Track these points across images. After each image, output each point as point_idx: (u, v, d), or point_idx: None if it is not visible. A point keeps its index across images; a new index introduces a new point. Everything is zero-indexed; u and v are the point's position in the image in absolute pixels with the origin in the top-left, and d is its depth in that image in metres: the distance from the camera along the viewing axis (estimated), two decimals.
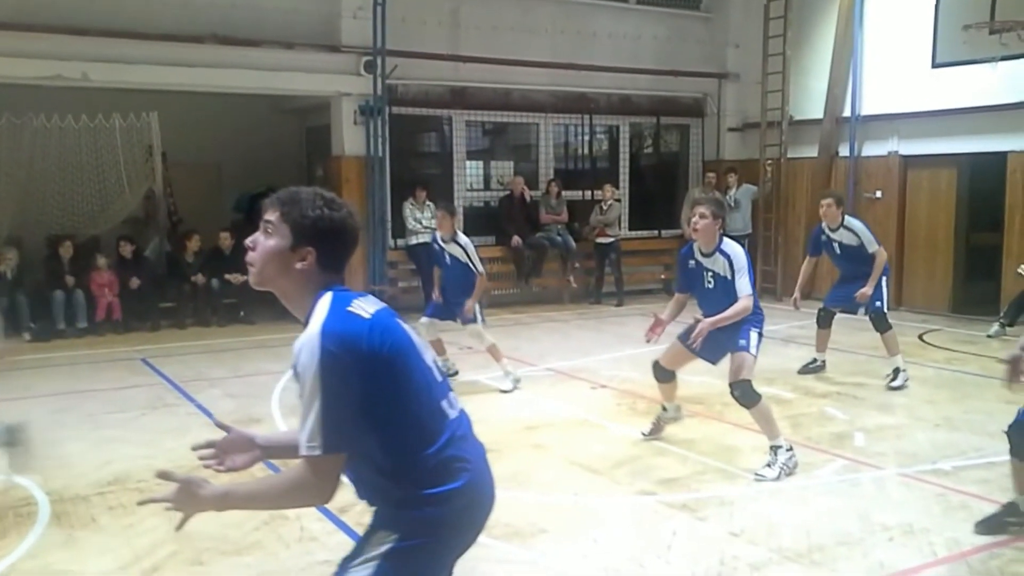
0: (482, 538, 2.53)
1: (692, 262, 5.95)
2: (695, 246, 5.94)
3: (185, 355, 9.73)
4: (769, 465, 5.65)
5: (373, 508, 2.49)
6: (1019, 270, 11.05)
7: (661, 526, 4.85)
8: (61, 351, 9.92)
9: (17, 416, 5.55)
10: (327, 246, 2.40)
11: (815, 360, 8.69)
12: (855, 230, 8.14)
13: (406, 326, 2.45)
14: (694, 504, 5.18)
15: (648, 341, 5.98)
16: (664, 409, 6.43)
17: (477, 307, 8.07)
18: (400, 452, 2.34)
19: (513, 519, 4.79)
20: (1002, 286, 11.34)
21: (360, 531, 4.96)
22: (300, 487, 2.28)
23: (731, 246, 5.87)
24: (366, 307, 2.36)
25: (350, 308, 2.32)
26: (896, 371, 8.04)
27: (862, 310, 8.22)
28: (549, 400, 7.68)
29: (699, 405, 7.35)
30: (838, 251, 8.28)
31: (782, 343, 10.16)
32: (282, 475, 2.38)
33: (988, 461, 5.84)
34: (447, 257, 8.12)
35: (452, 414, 2.45)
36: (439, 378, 2.47)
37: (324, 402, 2.22)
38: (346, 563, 2.42)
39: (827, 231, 8.28)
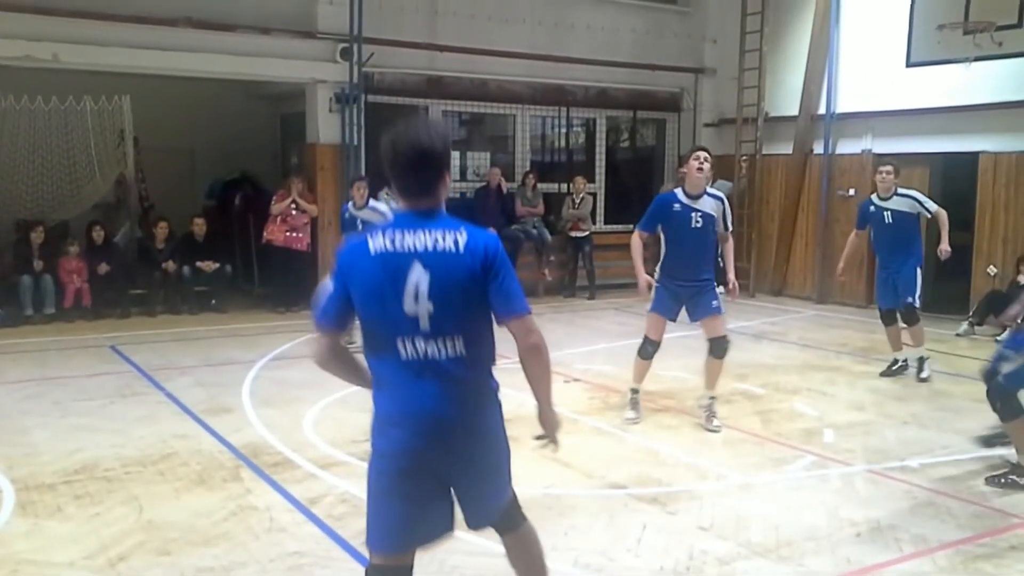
0: None
1: (677, 205, 6.35)
2: (679, 191, 6.38)
3: (155, 343, 9.63)
4: (716, 415, 6.52)
5: None
6: (989, 270, 11.19)
7: (631, 520, 4.86)
8: (29, 337, 9.77)
9: None
10: (388, 175, 2.89)
11: (896, 361, 8.40)
12: (912, 196, 8.02)
13: (414, 270, 2.81)
14: (664, 498, 5.20)
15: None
16: (634, 391, 6.70)
17: None
18: (366, 348, 2.95)
19: None
20: (972, 285, 11.46)
21: (329, 523, 4.94)
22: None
23: (713, 190, 6.48)
24: (388, 243, 2.82)
25: (375, 236, 2.85)
26: (921, 360, 8.12)
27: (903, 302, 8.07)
28: (522, 393, 7.63)
29: (670, 400, 7.38)
30: (889, 220, 8.05)
31: (754, 339, 10.21)
32: None
33: (955, 459, 5.91)
34: (358, 223, 8.95)
35: (405, 352, 2.86)
36: (407, 320, 2.82)
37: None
38: None
39: (877, 202, 8.15)
